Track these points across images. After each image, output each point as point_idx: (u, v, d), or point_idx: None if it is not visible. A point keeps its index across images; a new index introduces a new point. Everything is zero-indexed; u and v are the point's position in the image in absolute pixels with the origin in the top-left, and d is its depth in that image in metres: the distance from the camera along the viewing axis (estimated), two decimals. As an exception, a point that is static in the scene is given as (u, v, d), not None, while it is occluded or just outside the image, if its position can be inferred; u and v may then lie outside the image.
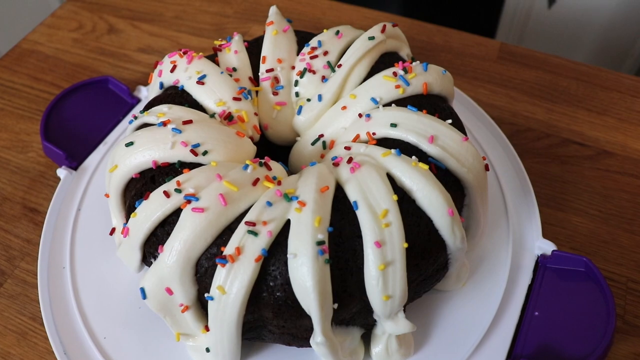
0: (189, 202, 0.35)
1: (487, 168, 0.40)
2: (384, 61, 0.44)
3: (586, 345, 0.40)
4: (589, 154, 0.57)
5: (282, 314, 0.35)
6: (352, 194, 0.35)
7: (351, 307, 0.35)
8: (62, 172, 0.54)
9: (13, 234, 0.54)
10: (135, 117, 0.42)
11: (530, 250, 0.46)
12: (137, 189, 0.39)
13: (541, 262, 0.45)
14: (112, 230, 0.44)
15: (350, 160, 0.37)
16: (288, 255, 0.33)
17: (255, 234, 0.33)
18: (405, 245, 0.34)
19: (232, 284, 0.33)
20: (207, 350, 0.37)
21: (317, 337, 0.34)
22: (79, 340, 0.42)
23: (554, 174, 0.55)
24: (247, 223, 0.33)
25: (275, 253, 0.34)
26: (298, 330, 0.36)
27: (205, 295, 0.34)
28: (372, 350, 0.39)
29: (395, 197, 0.34)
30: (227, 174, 0.36)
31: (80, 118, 0.59)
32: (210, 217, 0.34)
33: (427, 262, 0.36)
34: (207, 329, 0.36)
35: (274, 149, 0.46)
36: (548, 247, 0.46)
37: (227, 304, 0.34)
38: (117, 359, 0.41)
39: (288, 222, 0.34)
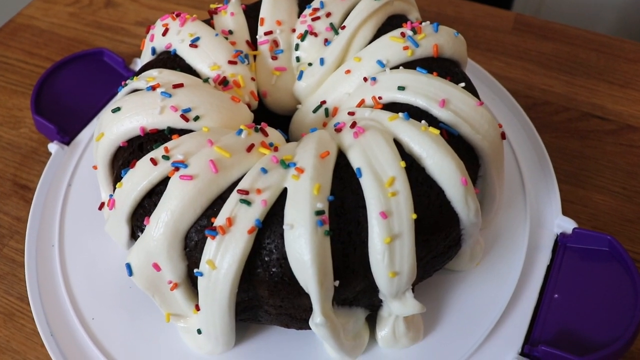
0: (177, 169, 0.32)
1: (503, 136, 0.37)
2: (391, 23, 0.41)
3: (611, 330, 0.37)
4: (611, 128, 0.53)
5: (278, 292, 0.32)
6: (356, 161, 0.32)
7: (354, 285, 0.32)
8: (53, 146, 0.51)
9: (3, 211, 0.51)
10: (126, 84, 0.40)
11: (549, 228, 0.43)
12: (124, 158, 0.36)
13: (561, 241, 0.42)
14: (102, 205, 0.41)
15: (353, 125, 0.33)
16: (284, 227, 0.30)
17: (248, 203, 0.30)
18: (414, 216, 0.30)
19: (223, 258, 0.30)
20: (199, 331, 0.35)
21: (316, 318, 0.31)
22: (67, 322, 0.40)
23: (573, 150, 0.52)
24: (239, 191, 0.31)
25: (271, 224, 0.31)
26: (296, 310, 0.33)
27: (195, 270, 0.32)
28: (377, 333, 0.36)
29: (402, 164, 0.31)
30: (219, 140, 0.33)
31: (73, 91, 0.56)
32: (200, 185, 0.31)
33: (438, 237, 0.33)
34: (198, 308, 0.34)
35: (274, 118, 0.43)
36: (568, 225, 0.42)
37: (218, 280, 0.31)
38: (106, 341, 0.38)
39: (285, 191, 0.31)
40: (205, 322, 0.33)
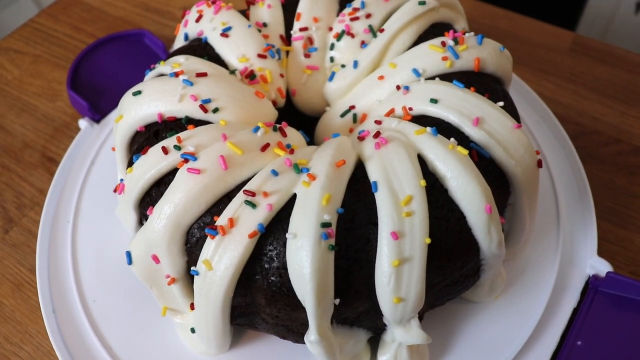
0: (186, 161, 0.31)
1: (539, 164, 0.34)
2: (434, 32, 0.39)
3: (637, 389, 0.34)
4: (666, 167, 0.49)
5: (275, 302, 0.30)
6: (373, 173, 0.30)
7: (357, 306, 0.30)
8: (83, 123, 0.52)
9: (28, 181, 0.52)
10: (154, 67, 0.39)
11: (580, 268, 0.39)
12: (139, 143, 0.35)
13: (592, 284, 0.39)
14: (116, 188, 0.40)
15: (377, 134, 0.31)
16: (287, 235, 0.28)
17: (253, 205, 0.29)
18: (428, 240, 0.28)
19: (220, 260, 0.29)
20: (193, 330, 0.34)
21: (310, 335, 0.29)
22: (68, 300, 0.40)
23: (619, 186, 0.48)
24: (245, 192, 0.29)
25: (275, 231, 0.29)
26: (293, 323, 0.31)
27: (192, 268, 0.30)
28: (378, 358, 0.34)
29: (423, 183, 0.29)
30: (234, 135, 0.31)
31: (110, 70, 0.56)
32: (207, 180, 0.30)
33: (454, 265, 0.31)
34: (193, 307, 0.32)
35: (302, 118, 0.42)
36: (603, 267, 0.39)
37: (214, 282, 0.29)
38: (103, 325, 0.38)
39: (294, 197, 0.29)
40: (199, 322, 0.32)
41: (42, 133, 0.56)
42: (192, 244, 0.31)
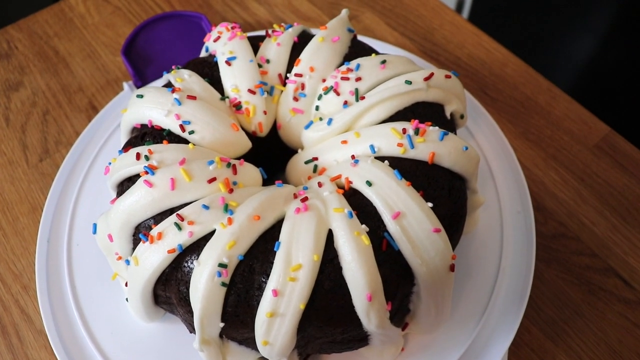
0: (146, 172, 0.36)
1: (452, 269, 0.36)
2: (417, 111, 0.41)
3: None
4: (629, 298, 0.48)
5: (181, 306, 0.36)
6: (282, 234, 0.34)
7: (241, 332, 0.35)
8: (126, 85, 0.59)
9: (71, 122, 0.61)
10: (174, 69, 0.44)
11: (483, 362, 0.42)
12: (129, 139, 0.42)
13: (486, 382, 0.41)
14: (106, 169, 0.47)
15: (305, 199, 0.35)
16: (195, 260, 0.34)
17: (179, 228, 0.34)
18: (302, 306, 0.32)
19: (145, 262, 0.35)
20: (127, 300, 0.41)
21: (195, 342, 0.35)
22: (60, 235, 0.48)
23: (571, 300, 0.48)
24: (177, 215, 0.35)
25: (192, 252, 0.35)
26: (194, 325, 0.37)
27: (127, 258, 0.37)
28: (262, 377, 0.39)
29: (316, 258, 0.33)
30: (190, 162, 0.37)
31: (163, 44, 0.63)
32: (155, 195, 0.36)
33: (334, 330, 0.35)
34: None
35: (287, 149, 0.46)
36: (501, 371, 0.41)
37: (137, 275, 0.36)
38: (78, 268, 0.46)
39: (214, 231, 0.35)
40: (129, 296, 0.39)
41: (95, 81, 0.64)
42: (136, 238, 0.37)
